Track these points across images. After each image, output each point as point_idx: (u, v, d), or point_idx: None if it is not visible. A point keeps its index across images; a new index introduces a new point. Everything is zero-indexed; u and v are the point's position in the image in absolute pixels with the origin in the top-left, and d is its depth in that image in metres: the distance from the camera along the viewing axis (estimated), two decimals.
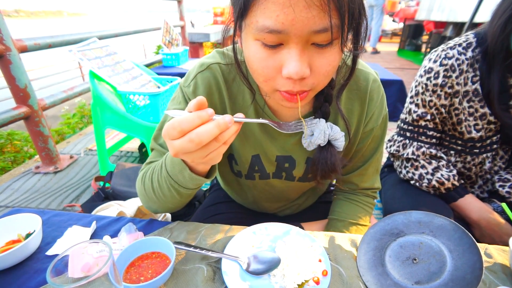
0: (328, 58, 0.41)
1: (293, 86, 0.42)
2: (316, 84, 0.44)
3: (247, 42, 0.43)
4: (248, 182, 0.71)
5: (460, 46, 0.80)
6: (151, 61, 3.16)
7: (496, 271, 0.50)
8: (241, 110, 0.60)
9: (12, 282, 0.52)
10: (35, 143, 1.72)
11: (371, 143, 0.66)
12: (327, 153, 0.56)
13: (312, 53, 0.40)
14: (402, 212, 0.57)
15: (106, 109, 1.40)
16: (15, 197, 1.55)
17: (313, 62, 0.41)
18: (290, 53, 0.39)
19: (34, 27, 59.82)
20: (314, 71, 0.41)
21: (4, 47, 1.44)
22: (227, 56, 0.59)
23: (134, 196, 0.98)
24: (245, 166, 0.65)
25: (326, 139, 0.55)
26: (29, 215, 0.63)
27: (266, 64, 0.41)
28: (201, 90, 0.57)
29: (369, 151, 0.67)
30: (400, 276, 0.49)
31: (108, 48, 1.63)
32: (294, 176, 0.67)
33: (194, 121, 0.36)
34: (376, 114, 0.62)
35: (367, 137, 0.64)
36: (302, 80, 0.41)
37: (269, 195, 0.75)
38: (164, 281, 0.50)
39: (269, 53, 0.41)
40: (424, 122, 0.88)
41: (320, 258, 0.53)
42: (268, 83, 0.44)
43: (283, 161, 0.64)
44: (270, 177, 0.68)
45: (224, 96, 0.58)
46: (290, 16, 0.36)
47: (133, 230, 0.61)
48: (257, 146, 0.63)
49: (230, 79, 0.58)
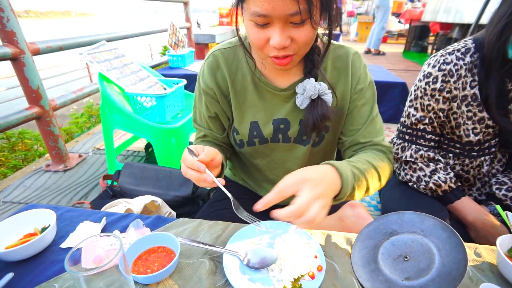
0: (303, 32, 0.55)
1: (278, 52, 0.57)
2: (297, 50, 0.58)
3: (246, 22, 0.58)
4: (250, 150, 0.79)
5: (459, 52, 0.82)
6: (157, 62, 3.22)
7: (483, 269, 0.53)
8: (241, 83, 0.73)
9: (31, 271, 0.56)
10: (46, 142, 1.78)
11: (365, 106, 0.72)
12: (318, 105, 0.67)
13: (291, 29, 0.54)
14: (395, 212, 0.59)
15: (114, 110, 1.45)
16: (27, 193, 1.61)
17: (292, 35, 0.55)
18: (274, 30, 0.54)
19: (44, 28, 60.67)
20: (294, 41, 0.56)
21: (18, 50, 1.50)
22: (230, 42, 0.74)
23: (141, 194, 1.02)
24: (245, 133, 0.76)
25: (316, 93, 0.65)
26: (44, 210, 0.68)
27: (258, 37, 0.56)
28: (206, 73, 0.73)
29: (365, 112, 0.72)
30: (391, 273, 0.52)
31: (117, 50, 1.68)
32: (290, 137, 0.75)
33: (193, 166, 0.56)
34: (362, 76, 0.71)
35: (359, 97, 0.71)
36: (285, 48, 0.56)
37: (271, 162, 0.81)
38: (169, 273, 0.54)
39: (260, 30, 0.55)
40: (423, 126, 0.90)
41: (316, 254, 0.56)
42: (262, 51, 0.59)
43: (279, 123, 0.74)
44: (268, 141, 0.76)
45: (225, 74, 0.72)
46: (271, 4, 0.50)
47: (141, 226, 0.65)
48: (256, 112, 0.74)
49: (230, 60, 0.73)
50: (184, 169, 0.58)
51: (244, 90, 0.73)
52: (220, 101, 0.75)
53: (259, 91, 0.73)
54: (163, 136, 1.42)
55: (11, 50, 1.46)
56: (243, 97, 0.73)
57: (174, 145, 1.46)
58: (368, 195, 0.64)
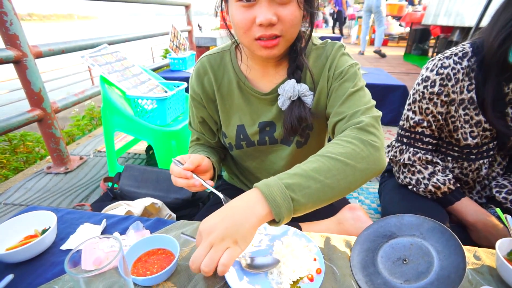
0: (290, 10, 0.56)
1: (265, 30, 0.56)
2: (284, 31, 0.58)
3: (232, 7, 0.58)
4: (239, 152, 0.80)
5: (456, 56, 0.83)
6: (159, 65, 3.24)
7: (483, 273, 0.53)
8: (227, 87, 0.74)
9: (31, 272, 0.57)
10: (47, 144, 1.79)
11: (344, 83, 0.65)
12: (296, 106, 0.67)
13: (277, 6, 0.55)
14: (395, 215, 0.60)
15: (115, 112, 1.46)
16: (28, 195, 1.62)
17: (279, 13, 0.56)
18: (260, 7, 0.55)
19: (47, 30, 61.08)
20: (280, 19, 0.56)
21: (21, 53, 1.51)
22: (218, 48, 0.76)
23: (141, 197, 1.03)
24: (233, 136, 0.77)
25: (296, 94, 0.66)
26: (44, 212, 0.68)
27: (244, 17, 0.56)
28: (193, 79, 0.76)
29: (343, 89, 0.64)
30: (390, 275, 0.52)
31: (118, 53, 1.69)
32: (276, 139, 0.76)
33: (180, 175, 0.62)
34: (340, 62, 0.67)
35: (338, 79, 0.65)
36: (272, 26, 0.56)
37: (261, 164, 0.82)
38: (168, 276, 0.54)
39: (246, 9, 0.56)
40: (421, 129, 0.91)
41: (315, 257, 0.56)
42: (247, 34, 0.58)
43: (264, 125, 0.75)
44: (255, 144, 0.78)
45: (211, 79, 0.74)
46: None
47: (141, 228, 0.65)
48: (242, 116, 0.75)
49: (216, 65, 0.75)
50: (174, 180, 0.62)
51: (230, 94, 0.75)
52: (206, 106, 0.77)
53: (245, 95, 0.74)
54: (163, 139, 1.43)
55: (14, 53, 1.48)
56: (229, 101, 0.75)
57: (174, 148, 1.46)
58: (356, 188, 0.53)
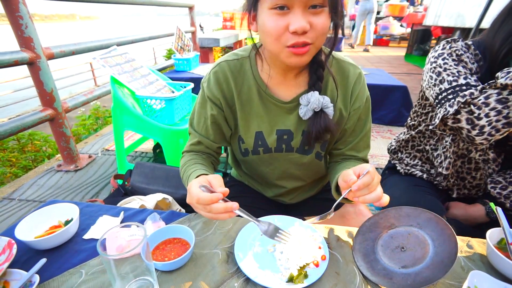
0: (321, 19, 0.58)
1: (298, 38, 0.57)
2: (315, 39, 0.59)
3: (263, 15, 0.59)
4: (255, 158, 0.82)
5: (463, 41, 0.83)
6: (163, 66, 3.29)
7: (474, 260, 0.57)
8: (247, 94, 0.74)
9: (58, 259, 0.62)
10: (58, 143, 1.85)
11: (359, 121, 0.77)
12: (321, 117, 0.70)
13: (310, 15, 0.57)
14: (394, 207, 0.64)
15: (125, 112, 1.51)
16: (41, 192, 1.68)
17: (311, 21, 0.57)
18: (295, 14, 0.56)
19: (49, 31, 61.26)
20: (312, 27, 0.58)
21: (35, 55, 1.57)
22: (236, 54, 0.75)
23: (152, 193, 1.08)
24: (251, 142, 0.78)
25: (320, 106, 0.69)
26: (66, 204, 0.73)
27: (277, 24, 0.57)
28: (212, 82, 0.73)
29: (359, 127, 0.78)
30: (389, 262, 0.57)
31: (127, 55, 1.75)
32: (292, 147, 0.78)
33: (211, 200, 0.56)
34: (360, 95, 0.74)
35: (356, 113, 0.76)
36: (304, 33, 0.57)
37: (275, 170, 0.85)
38: (185, 261, 0.59)
39: (279, 17, 0.57)
40: (464, 79, 0.76)
41: (320, 245, 0.61)
42: (278, 41, 0.59)
43: (282, 133, 0.77)
44: (272, 151, 0.79)
45: (231, 85, 0.74)
46: None
47: (157, 219, 0.70)
48: (261, 123, 0.76)
49: (236, 72, 0.73)
50: (208, 208, 0.55)
51: (249, 101, 0.75)
52: (224, 110, 0.76)
53: (264, 103, 0.74)
54: (171, 137, 1.48)
55: (28, 55, 1.54)
56: (248, 107, 0.75)
57: (182, 146, 1.52)
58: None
